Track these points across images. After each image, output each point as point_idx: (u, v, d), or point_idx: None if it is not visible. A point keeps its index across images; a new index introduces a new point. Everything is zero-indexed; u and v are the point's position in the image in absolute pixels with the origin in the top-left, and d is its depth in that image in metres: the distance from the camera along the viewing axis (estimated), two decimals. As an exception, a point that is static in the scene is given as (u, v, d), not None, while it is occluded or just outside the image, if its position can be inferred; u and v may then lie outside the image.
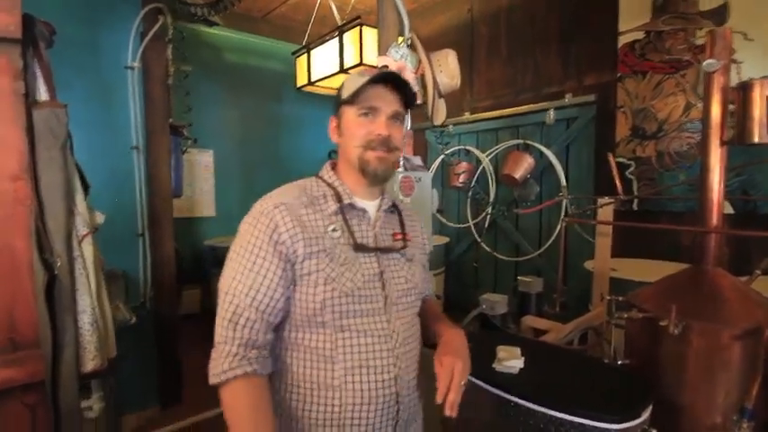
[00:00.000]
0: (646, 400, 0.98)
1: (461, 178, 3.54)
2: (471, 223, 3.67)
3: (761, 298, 1.30)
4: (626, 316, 1.33)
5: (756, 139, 1.23)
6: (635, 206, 2.67)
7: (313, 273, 0.86)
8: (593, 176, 2.92)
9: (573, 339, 1.73)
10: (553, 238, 3.08)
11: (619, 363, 1.44)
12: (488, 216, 3.55)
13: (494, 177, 3.49)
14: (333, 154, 1.04)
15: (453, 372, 0.85)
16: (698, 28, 2.39)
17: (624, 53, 2.70)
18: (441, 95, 1.54)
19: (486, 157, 3.51)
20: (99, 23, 2.29)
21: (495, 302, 1.75)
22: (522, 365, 1.16)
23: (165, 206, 2.44)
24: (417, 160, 1.70)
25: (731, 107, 1.33)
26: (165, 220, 2.43)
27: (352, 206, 0.95)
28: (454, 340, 0.94)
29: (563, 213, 2.96)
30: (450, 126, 3.83)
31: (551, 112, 3.04)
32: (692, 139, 2.43)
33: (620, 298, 1.50)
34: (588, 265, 2.28)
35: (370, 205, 0.98)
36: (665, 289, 1.41)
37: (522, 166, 3.08)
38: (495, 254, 3.51)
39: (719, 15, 2.31)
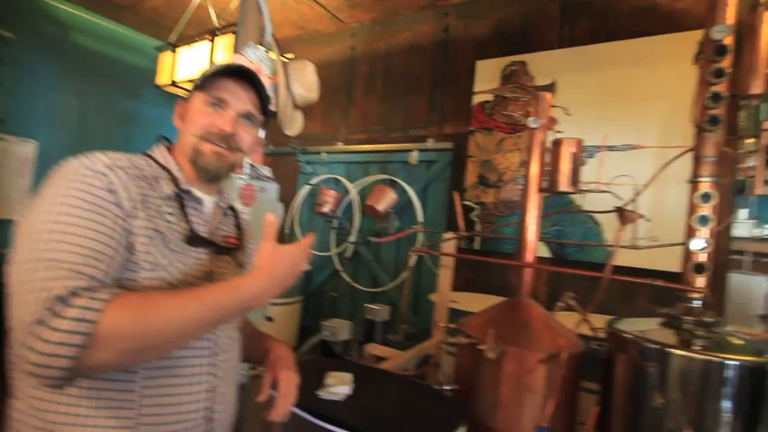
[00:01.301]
0: (456, 423, 1.00)
1: (328, 205, 3.53)
2: (334, 252, 3.64)
3: (561, 328, 1.49)
4: (451, 341, 1.39)
5: (562, 188, 1.45)
6: (476, 246, 2.95)
7: (141, 254, 0.71)
8: (446, 216, 3.16)
9: (410, 367, 1.76)
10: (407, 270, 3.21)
11: (447, 387, 1.49)
12: (351, 246, 3.57)
13: (360, 209, 3.55)
14: (162, 139, 0.91)
15: (293, 387, 0.87)
16: (533, 98, 2.83)
17: (477, 110, 3.06)
18: (297, 106, 1.51)
19: (355, 188, 3.58)
20: None
21: (337, 329, 1.70)
22: (349, 392, 1.10)
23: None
24: (265, 171, 1.61)
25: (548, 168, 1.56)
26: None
27: (189, 194, 0.83)
28: (288, 356, 0.93)
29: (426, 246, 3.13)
30: (324, 154, 3.85)
31: (415, 153, 3.26)
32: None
33: (453, 325, 1.59)
34: (433, 297, 2.41)
35: (207, 199, 0.87)
36: (488, 317, 1.53)
37: (386, 200, 3.20)
38: (354, 284, 3.51)
39: (549, 90, 2.78)
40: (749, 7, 1.38)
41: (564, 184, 1.44)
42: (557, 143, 1.47)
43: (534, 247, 1.55)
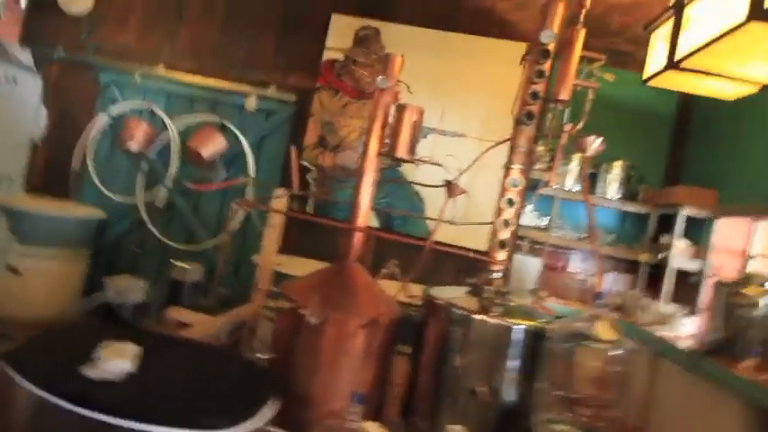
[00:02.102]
0: (267, 396, 0.89)
1: (137, 141, 2.90)
2: (141, 200, 3.04)
3: (383, 294, 1.51)
4: (272, 305, 1.26)
5: (401, 155, 1.43)
6: (309, 209, 2.85)
7: None
8: (280, 174, 2.95)
9: (222, 334, 1.56)
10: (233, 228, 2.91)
11: (263, 356, 1.37)
12: (164, 195, 3.03)
13: (179, 151, 3.03)
14: None
15: None
16: (383, 62, 2.82)
17: (326, 67, 2.91)
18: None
19: (175, 125, 3.02)
20: None
21: (126, 288, 1.36)
22: (129, 368, 0.86)
23: None
24: (21, 54, 1.13)
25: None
26: None
27: None
28: None
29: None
30: (137, 75, 3.12)
31: (253, 99, 2.92)
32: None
33: (275, 289, 1.46)
34: (256, 258, 2.22)
35: None
36: (312, 281, 1.45)
37: (213, 146, 2.80)
38: (164, 240, 3.01)
39: (397, 63, 2.81)
40: (568, 22, 1.57)
41: (403, 151, 1.43)
42: (400, 108, 1.44)
43: (367, 212, 1.52)
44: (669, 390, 2.61)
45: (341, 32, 2.91)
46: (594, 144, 1.32)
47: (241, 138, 2.92)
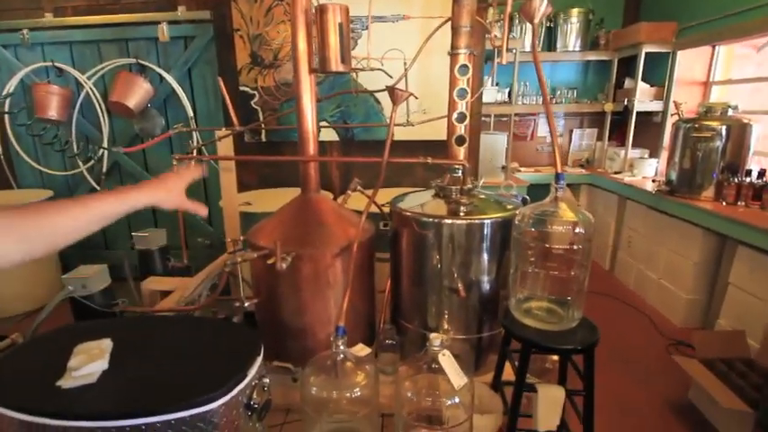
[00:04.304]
0: (251, 356, 0.90)
1: (54, 107, 2.59)
2: (83, 168, 2.84)
3: (352, 216, 1.48)
4: (240, 260, 1.24)
5: (333, 68, 1.28)
6: (263, 138, 2.69)
7: None
8: (222, 105, 2.72)
9: (201, 293, 1.56)
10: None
11: (247, 304, 1.38)
12: (105, 157, 2.82)
13: (104, 107, 2.74)
14: None
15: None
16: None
17: (234, -33, 2.49)
18: None
19: (89, 79, 2.69)
20: None
21: (87, 278, 1.31)
22: (104, 366, 0.86)
23: None
24: None
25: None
26: None
27: None
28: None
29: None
30: (26, 31, 2.69)
31: (164, 27, 2.55)
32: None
33: (242, 238, 1.42)
34: (221, 204, 2.15)
35: None
36: (278, 222, 1.40)
37: (136, 92, 2.51)
38: (123, 203, 2.88)
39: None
40: None
41: (334, 63, 1.28)
42: (322, 11, 1.25)
43: (315, 137, 1.42)
44: (637, 227, 2.79)
45: None
46: (541, 8, 1.17)
47: (165, 75, 2.62)
